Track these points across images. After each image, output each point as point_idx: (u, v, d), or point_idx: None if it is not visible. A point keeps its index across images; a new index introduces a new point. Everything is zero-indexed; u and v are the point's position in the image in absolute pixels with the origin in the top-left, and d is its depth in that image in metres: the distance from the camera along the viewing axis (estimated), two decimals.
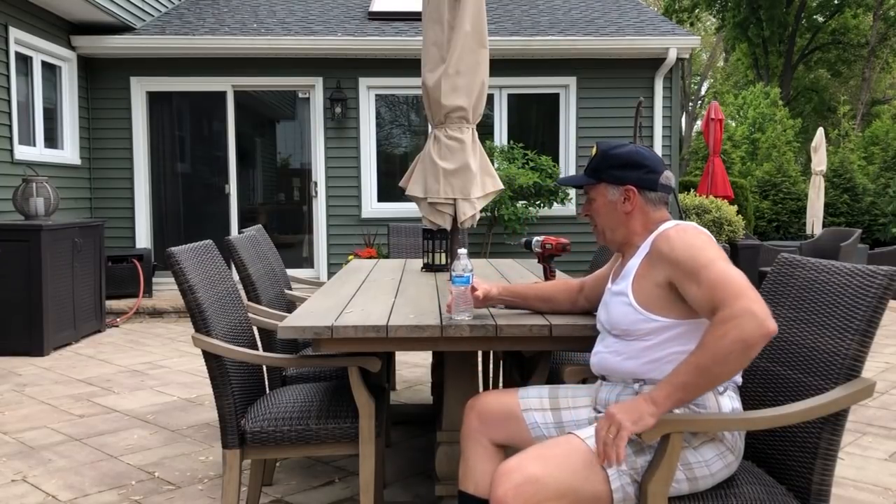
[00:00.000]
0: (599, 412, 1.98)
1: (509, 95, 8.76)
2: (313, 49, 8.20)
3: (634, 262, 1.92)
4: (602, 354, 1.96)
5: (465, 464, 2.07)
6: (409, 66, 8.27)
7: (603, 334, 2.01)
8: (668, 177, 2.01)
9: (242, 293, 3.30)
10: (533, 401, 2.07)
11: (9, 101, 6.69)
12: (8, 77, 6.69)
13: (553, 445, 1.76)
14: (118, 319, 7.24)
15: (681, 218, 2.16)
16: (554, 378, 2.78)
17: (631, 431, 1.65)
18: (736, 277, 1.68)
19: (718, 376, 1.63)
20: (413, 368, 5.43)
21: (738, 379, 1.90)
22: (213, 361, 2.41)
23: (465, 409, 2.12)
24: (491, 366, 4.41)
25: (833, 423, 1.78)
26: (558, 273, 2.96)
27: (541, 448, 1.76)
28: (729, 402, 1.83)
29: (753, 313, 1.60)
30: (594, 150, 2.05)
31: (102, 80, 8.32)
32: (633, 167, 1.97)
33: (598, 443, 1.69)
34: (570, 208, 8.62)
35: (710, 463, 1.80)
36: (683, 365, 1.67)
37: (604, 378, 1.99)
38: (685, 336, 1.82)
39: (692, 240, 1.80)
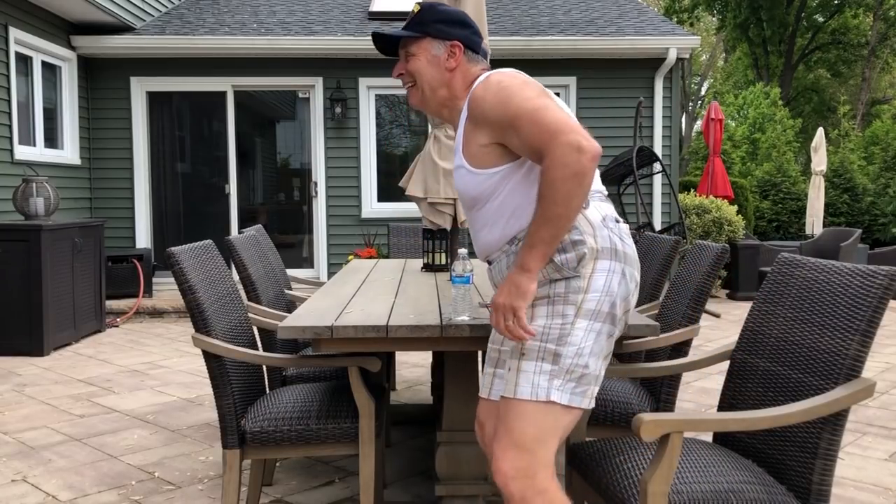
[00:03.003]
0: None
1: None
2: (313, 49, 8.20)
3: (460, 130, 1.90)
4: (476, 237, 1.94)
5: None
6: None
7: (468, 216, 1.97)
8: (487, 46, 1.99)
9: (242, 293, 3.30)
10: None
11: (9, 101, 6.69)
12: (8, 77, 6.69)
13: (508, 419, 1.76)
14: (118, 319, 7.24)
15: (680, 219, 2.16)
16: None
17: (522, 306, 1.69)
18: (547, 116, 1.68)
19: (569, 215, 1.66)
20: (413, 368, 5.42)
21: (598, 186, 1.89)
22: (213, 361, 2.41)
23: (476, 424, 2.10)
24: None
25: (833, 423, 1.78)
26: None
27: (502, 429, 1.76)
28: (597, 212, 1.81)
29: (571, 144, 1.62)
30: (416, 8, 2.01)
31: (102, 80, 8.32)
32: (460, 25, 1.96)
33: (505, 333, 1.73)
34: None
35: (556, 331, 1.76)
36: (534, 222, 1.68)
37: (489, 262, 1.95)
38: (530, 171, 1.81)
39: (498, 94, 1.77)
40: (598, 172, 1.89)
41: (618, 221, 1.86)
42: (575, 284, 1.76)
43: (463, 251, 2.29)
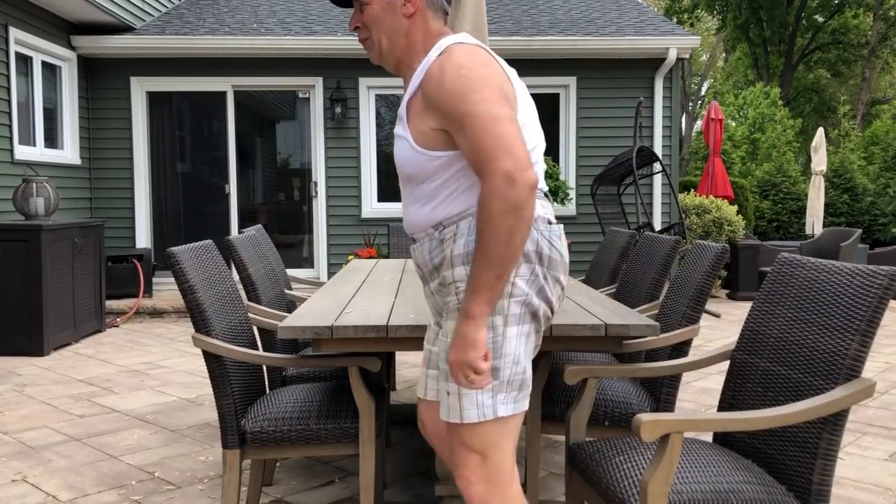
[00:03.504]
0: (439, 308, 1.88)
1: None
2: (313, 49, 8.20)
3: (409, 93, 1.76)
4: (405, 210, 1.85)
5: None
6: None
7: (401, 186, 1.89)
8: None
9: (242, 293, 3.30)
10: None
11: (9, 101, 6.69)
12: (8, 77, 6.69)
13: (460, 439, 1.73)
14: (118, 319, 7.24)
15: (680, 219, 2.15)
16: (554, 378, 2.78)
17: (478, 357, 1.61)
18: (495, 129, 1.57)
19: (512, 255, 1.57)
20: (413, 368, 5.42)
21: (541, 184, 1.82)
22: (213, 361, 2.41)
23: (419, 423, 2.07)
24: None
25: (833, 423, 1.78)
26: None
27: (457, 444, 1.73)
28: (541, 209, 1.76)
29: (509, 178, 1.53)
30: None
31: (102, 80, 8.32)
32: None
33: (472, 388, 1.66)
34: (570, 208, 8.62)
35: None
36: (475, 266, 1.59)
37: (414, 239, 1.89)
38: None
39: (455, 82, 1.62)
40: (542, 169, 1.84)
41: (550, 223, 1.78)
42: None
43: None
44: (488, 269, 1.58)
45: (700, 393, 4.72)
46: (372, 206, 8.60)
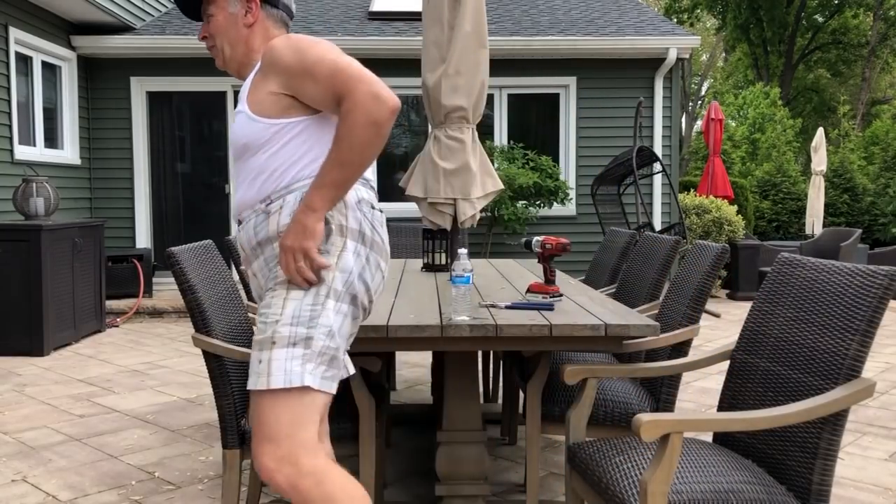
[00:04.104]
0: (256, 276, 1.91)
1: (509, 95, 8.76)
2: None
3: (248, 79, 1.88)
4: (237, 193, 1.91)
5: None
6: (409, 66, 8.26)
7: (234, 168, 1.95)
8: (292, 3, 2.02)
9: (242, 293, 3.30)
10: None
11: (9, 101, 6.69)
12: (8, 77, 6.69)
13: (261, 411, 1.72)
14: (118, 319, 7.24)
15: (680, 219, 2.16)
16: (554, 378, 2.78)
17: (312, 246, 1.69)
18: (351, 64, 1.72)
19: (362, 163, 1.69)
20: (413, 368, 5.43)
21: (367, 175, 1.91)
22: (213, 361, 2.41)
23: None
24: (491, 366, 4.42)
25: (833, 423, 1.78)
26: (558, 273, 2.96)
27: (256, 424, 1.73)
28: (354, 193, 1.83)
29: (376, 95, 1.67)
30: None
31: (102, 80, 8.32)
32: None
33: (294, 277, 1.70)
34: (570, 208, 8.62)
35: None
36: (327, 164, 1.69)
37: (239, 222, 1.93)
38: (306, 133, 1.81)
39: (297, 43, 1.78)
40: (373, 172, 1.90)
41: (373, 208, 1.87)
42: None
43: (463, 251, 2.29)
44: (339, 170, 1.69)
45: (700, 393, 4.72)
46: None
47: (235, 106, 7.77)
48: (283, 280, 1.76)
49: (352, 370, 1.86)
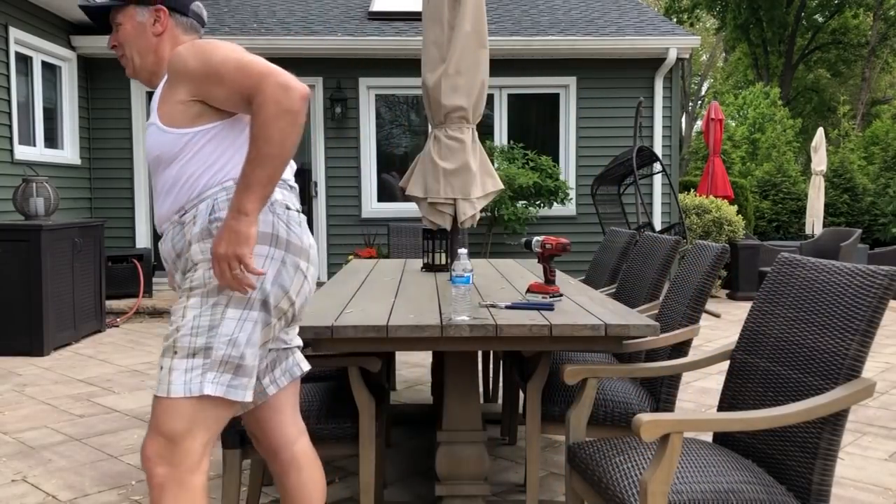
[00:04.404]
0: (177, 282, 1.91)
1: (509, 95, 8.76)
2: (313, 49, 8.20)
3: (157, 91, 1.88)
4: (156, 205, 1.90)
5: None
6: (409, 66, 8.27)
7: (152, 181, 1.95)
8: (200, 6, 2.01)
9: None
10: None
11: (9, 101, 6.69)
12: (8, 77, 6.69)
13: (158, 413, 1.74)
14: (118, 319, 7.24)
15: (680, 219, 2.16)
16: (554, 378, 2.78)
17: (247, 252, 1.66)
18: (255, 61, 1.72)
19: (282, 156, 1.68)
20: (413, 368, 5.43)
21: (285, 175, 1.91)
22: None
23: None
24: (491, 366, 4.42)
25: (833, 423, 1.78)
26: (558, 273, 2.96)
27: (153, 421, 1.75)
28: (280, 195, 1.83)
29: (284, 85, 1.67)
30: None
31: (102, 80, 8.32)
32: None
33: (232, 286, 1.69)
34: (570, 208, 8.62)
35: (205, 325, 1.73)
36: (248, 164, 1.68)
37: (161, 234, 1.92)
38: (217, 139, 1.81)
39: (201, 48, 1.77)
40: (292, 165, 1.94)
41: (288, 209, 1.85)
42: None
43: (463, 251, 2.29)
44: (262, 167, 1.67)
45: (700, 393, 4.72)
46: (372, 206, 8.60)
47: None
48: (187, 288, 1.77)
49: (305, 367, 1.92)
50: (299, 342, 2.06)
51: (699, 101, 31.04)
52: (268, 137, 1.65)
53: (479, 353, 4.06)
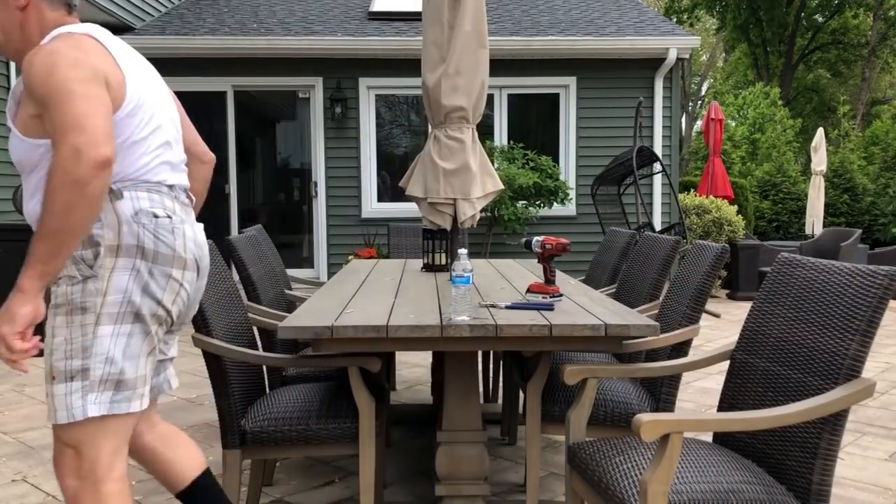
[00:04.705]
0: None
1: (509, 95, 8.76)
2: (313, 49, 8.20)
3: (18, 90, 1.77)
4: (24, 205, 1.84)
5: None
6: (409, 66, 8.27)
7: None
8: None
9: (242, 293, 3.30)
10: None
11: None
12: (8, 77, 6.68)
13: (58, 436, 1.76)
14: None
15: (680, 219, 2.16)
16: (554, 378, 2.78)
17: (8, 332, 1.58)
18: (73, 107, 1.57)
19: (70, 229, 1.55)
20: (413, 368, 5.42)
21: (161, 177, 1.82)
22: (213, 361, 2.41)
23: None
24: (491, 366, 4.42)
25: (833, 423, 1.78)
26: (558, 273, 2.96)
27: (56, 437, 1.77)
28: (130, 205, 1.74)
29: (76, 149, 1.52)
30: None
31: None
32: None
33: (8, 362, 1.65)
34: (570, 208, 8.62)
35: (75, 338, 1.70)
36: (34, 237, 1.58)
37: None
38: None
39: (44, 63, 1.63)
40: (177, 159, 1.86)
41: (156, 217, 1.77)
42: (92, 287, 1.70)
43: (463, 251, 2.29)
44: (44, 242, 1.56)
45: (700, 393, 4.72)
46: (372, 206, 8.60)
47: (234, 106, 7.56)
48: (53, 304, 1.73)
49: (174, 385, 1.96)
50: (175, 353, 2.05)
51: (699, 101, 31.05)
52: (51, 208, 1.54)
53: (479, 353, 4.06)
